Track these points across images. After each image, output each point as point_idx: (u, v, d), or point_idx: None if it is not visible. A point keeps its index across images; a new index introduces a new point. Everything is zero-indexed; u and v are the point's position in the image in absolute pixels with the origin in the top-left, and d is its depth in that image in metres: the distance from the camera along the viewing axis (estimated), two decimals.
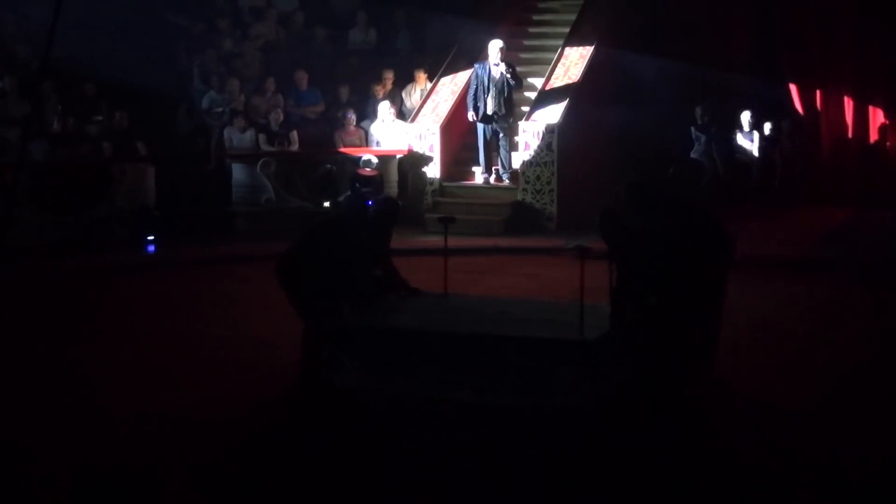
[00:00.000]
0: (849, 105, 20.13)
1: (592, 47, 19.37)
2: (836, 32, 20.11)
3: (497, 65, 18.39)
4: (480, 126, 18.59)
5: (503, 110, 18.43)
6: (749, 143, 20.05)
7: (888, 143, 19.99)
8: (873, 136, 20.08)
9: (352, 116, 19.21)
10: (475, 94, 18.49)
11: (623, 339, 9.91)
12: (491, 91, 18.38)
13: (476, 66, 18.67)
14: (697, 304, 10.16)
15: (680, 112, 20.08)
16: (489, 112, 18.41)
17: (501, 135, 18.59)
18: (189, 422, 9.56)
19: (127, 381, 10.67)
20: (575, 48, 19.47)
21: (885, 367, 11.04)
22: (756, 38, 20.62)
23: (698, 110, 19.79)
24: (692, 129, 19.74)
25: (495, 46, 18.48)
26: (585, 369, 9.44)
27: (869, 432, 9.23)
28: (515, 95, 18.82)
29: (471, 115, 18.57)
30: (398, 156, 19.00)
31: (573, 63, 19.21)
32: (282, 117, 18.96)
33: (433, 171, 18.97)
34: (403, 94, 19.91)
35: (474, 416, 9.39)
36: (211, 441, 9.17)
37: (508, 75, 18.38)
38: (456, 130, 19.29)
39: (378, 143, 19.08)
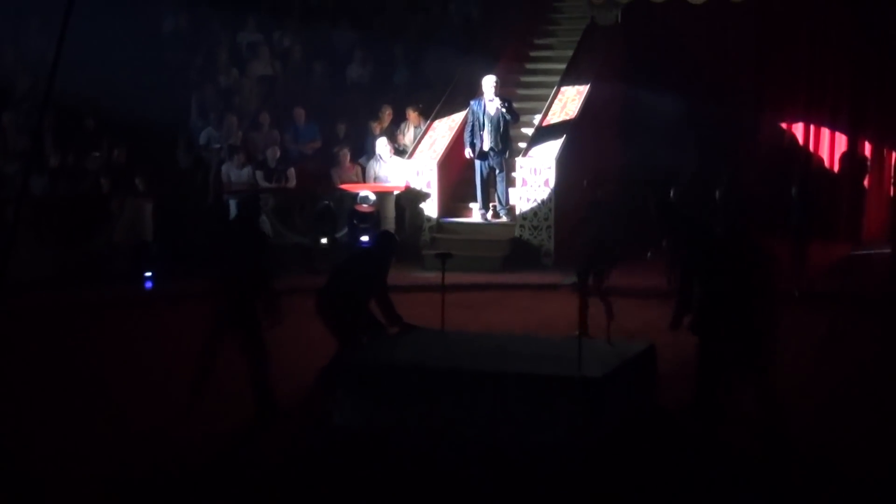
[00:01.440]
0: (838, 140, 20.20)
1: (589, 83, 19.44)
2: (825, 68, 20.20)
3: (492, 100, 18.42)
4: (477, 163, 18.61)
5: (500, 146, 18.44)
6: None
7: (871, 177, 20.04)
8: (861, 171, 20.11)
9: (347, 153, 19.24)
10: (471, 131, 18.51)
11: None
12: (487, 127, 18.39)
13: (472, 102, 18.69)
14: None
15: (678, 145, 20.16)
16: (486, 148, 18.43)
17: (498, 171, 18.60)
18: (188, 457, 9.56)
19: (124, 415, 10.66)
20: (572, 84, 19.54)
21: (885, 399, 11.07)
22: (752, 73, 20.69)
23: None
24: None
25: (489, 82, 18.52)
26: (584, 406, 9.44)
27: (869, 463, 9.26)
28: (512, 131, 18.85)
29: (468, 152, 18.59)
30: (396, 192, 19.01)
31: (570, 99, 19.28)
32: (279, 153, 18.98)
33: (431, 207, 18.99)
34: (398, 133, 19.95)
35: (472, 453, 9.39)
36: (210, 473, 9.17)
37: (504, 111, 18.40)
38: (453, 166, 19.32)
39: (377, 179, 19.10)
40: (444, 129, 19.58)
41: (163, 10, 21.62)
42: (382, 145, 19.19)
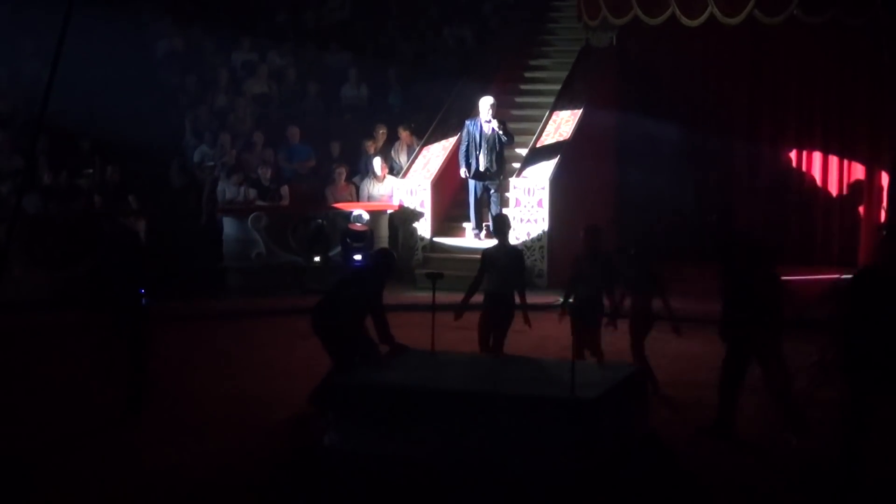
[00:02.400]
0: (827, 164, 20.21)
1: (584, 104, 19.47)
2: (816, 91, 20.24)
3: (488, 121, 18.46)
4: (472, 182, 18.63)
5: (495, 167, 18.47)
6: None
7: (865, 202, 20.05)
8: (851, 195, 20.12)
9: (343, 171, 19.26)
10: (467, 151, 18.53)
11: None
12: (483, 148, 18.42)
13: (467, 122, 18.72)
14: None
15: (674, 168, 20.23)
16: (481, 169, 18.45)
17: (493, 191, 18.63)
18: (178, 479, 9.55)
19: (118, 436, 10.66)
20: (566, 105, 19.58)
21: (876, 425, 11.05)
22: (746, 95, 20.72)
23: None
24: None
25: (486, 103, 18.55)
26: (578, 428, 9.42)
27: (864, 491, 9.25)
28: (506, 152, 18.88)
29: (463, 172, 18.62)
30: (389, 211, 19.04)
31: (564, 120, 19.31)
32: (269, 173, 18.98)
33: (424, 226, 19.00)
34: (392, 153, 19.97)
35: (464, 475, 9.37)
36: (200, 497, 9.16)
37: (500, 132, 18.44)
38: (447, 186, 19.35)
39: (371, 198, 19.12)
40: (438, 149, 19.61)
41: (158, 32, 21.67)
42: (378, 165, 19.23)
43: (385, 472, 9.48)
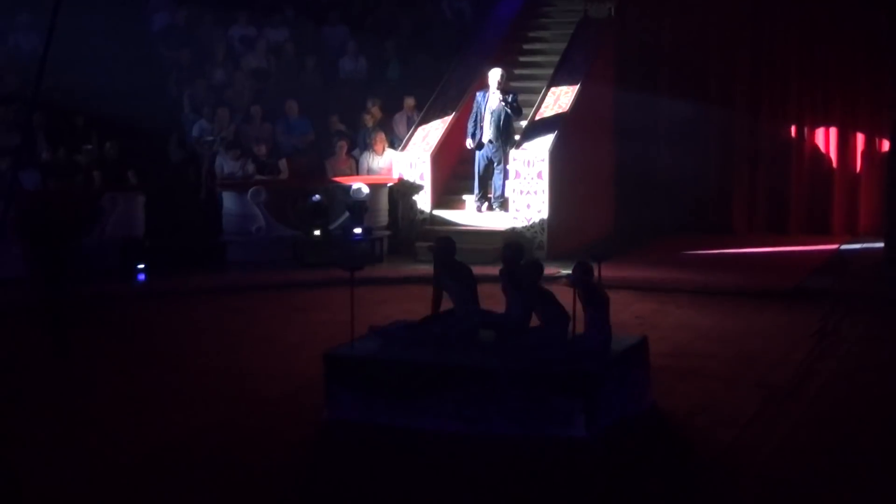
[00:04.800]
0: (830, 136, 20.16)
1: (582, 77, 19.40)
2: (816, 63, 20.17)
3: (495, 93, 18.40)
4: (477, 154, 18.59)
5: (500, 139, 18.43)
6: None
7: (864, 170, 20.01)
8: (855, 167, 20.09)
9: (344, 145, 19.22)
10: (474, 122, 18.50)
11: None
12: (487, 119, 18.38)
13: (477, 94, 18.66)
14: None
15: (674, 142, 20.19)
16: (485, 140, 18.42)
17: (496, 163, 18.57)
18: (178, 452, 9.55)
19: (116, 412, 10.65)
20: (565, 78, 19.50)
21: (877, 395, 11.06)
22: (747, 66, 20.65)
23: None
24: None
25: (495, 75, 18.49)
26: (580, 400, 9.42)
27: (863, 462, 9.24)
28: (515, 124, 18.83)
29: (468, 143, 18.59)
30: (389, 184, 18.99)
31: (563, 92, 19.22)
32: (264, 149, 18.90)
33: (423, 199, 18.95)
34: (393, 125, 19.92)
35: (468, 449, 9.37)
36: (200, 472, 9.16)
37: (504, 104, 18.37)
38: (446, 159, 19.29)
39: (370, 172, 19.08)
40: (437, 121, 19.53)
41: (155, 5, 21.59)
42: (375, 138, 19.20)
43: (386, 446, 9.49)
